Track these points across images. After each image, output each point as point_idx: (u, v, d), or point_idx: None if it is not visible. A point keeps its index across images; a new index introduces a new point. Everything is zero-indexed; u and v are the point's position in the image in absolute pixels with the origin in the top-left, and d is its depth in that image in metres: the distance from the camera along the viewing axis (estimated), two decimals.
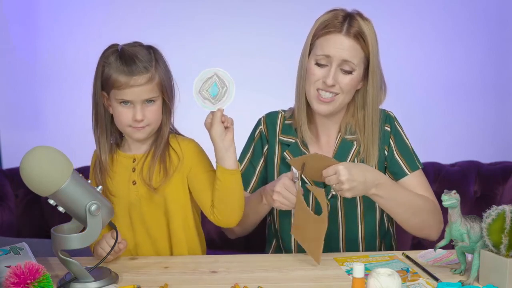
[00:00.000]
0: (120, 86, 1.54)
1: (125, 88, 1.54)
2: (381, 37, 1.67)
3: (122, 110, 1.57)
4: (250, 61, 2.69)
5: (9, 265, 1.33)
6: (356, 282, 1.23)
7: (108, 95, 1.58)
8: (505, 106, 2.84)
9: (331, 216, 1.70)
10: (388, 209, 1.62)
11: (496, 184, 2.26)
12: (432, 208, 1.67)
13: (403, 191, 1.64)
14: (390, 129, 1.73)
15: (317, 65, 1.63)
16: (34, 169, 1.29)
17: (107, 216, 1.40)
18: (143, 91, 1.55)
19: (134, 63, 1.54)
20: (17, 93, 2.80)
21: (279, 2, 2.70)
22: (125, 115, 1.57)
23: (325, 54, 1.61)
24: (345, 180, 1.48)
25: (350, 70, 1.61)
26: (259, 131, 1.80)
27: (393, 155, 1.71)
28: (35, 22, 2.76)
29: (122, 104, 1.56)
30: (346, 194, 1.51)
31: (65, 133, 2.74)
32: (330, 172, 1.50)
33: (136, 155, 1.65)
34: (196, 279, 1.45)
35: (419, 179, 1.71)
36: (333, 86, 1.61)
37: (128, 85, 1.54)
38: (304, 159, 1.55)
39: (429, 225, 1.66)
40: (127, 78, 1.54)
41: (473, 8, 2.74)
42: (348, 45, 1.60)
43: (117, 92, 1.55)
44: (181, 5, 2.72)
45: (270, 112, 1.82)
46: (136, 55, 1.55)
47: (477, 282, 1.37)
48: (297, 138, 1.74)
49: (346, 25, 1.60)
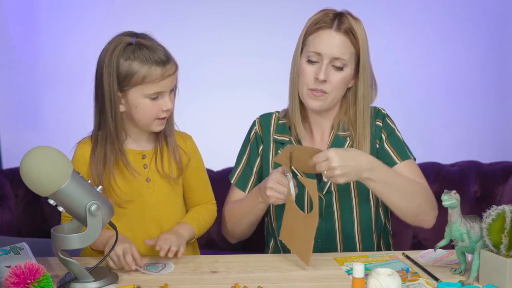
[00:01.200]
0: (156, 79, 1.47)
1: (160, 80, 1.47)
2: (381, 37, 1.68)
3: (151, 104, 1.50)
4: (250, 61, 2.69)
5: (9, 265, 1.34)
6: (356, 282, 1.23)
7: (124, 93, 1.50)
8: (505, 106, 2.84)
9: (326, 212, 1.71)
10: (382, 194, 1.60)
11: (496, 184, 2.26)
12: (425, 193, 1.66)
13: (397, 175, 1.62)
14: (382, 124, 1.74)
15: (309, 62, 1.64)
16: (34, 169, 1.29)
17: (107, 216, 1.40)
18: (173, 80, 1.52)
19: (160, 51, 1.49)
20: (17, 93, 2.80)
21: (279, 2, 2.70)
22: (154, 108, 1.50)
23: (316, 51, 1.62)
24: (337, 166, 1.46)
25: (341, 66, 1.63)
26: (254, 132, 1.82)
27: (383, 146, 1.72)
28: (35, 22, 2.75)
29: (150, 98, 1.49)
30: (339, 180, 1.49)
31: (65, 133, 2.73)
32: (321, 158, 1.48)
33: (145, 151, 1.61)
34: (196, 279, 1.45)
35: (410, 168, 1.70)
36: (325, 82, 1.62)
37: (163, 76, 1.48)
38: (289, 151, 1.53)
39: (424, 210, 1.65)
40: (162, 69, 1.47)
41: (473, 8, 2.74)
42: (339, 40, 1.62)
43: (147, 87, 1.48)
44: (181, 5, 2.72)
45: (264, 114, 1.84)
46: (154, 43, 1.50)
47: (477, 282, 1.37)
48: (291, 136, 1.76)
49: (336, 22, 1.63)
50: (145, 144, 1.61)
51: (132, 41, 1.49)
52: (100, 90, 1.51)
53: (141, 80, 1.47)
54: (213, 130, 2.70)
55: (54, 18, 2.74)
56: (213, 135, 2.67)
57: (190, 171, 1.66)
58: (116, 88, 1.49)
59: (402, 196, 1.61)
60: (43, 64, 2.77)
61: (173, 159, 1.61)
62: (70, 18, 2.74)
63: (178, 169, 1.62)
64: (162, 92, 1.50)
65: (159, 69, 1.48)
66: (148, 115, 1.52)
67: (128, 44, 1.49)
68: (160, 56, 1.49)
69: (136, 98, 1.50)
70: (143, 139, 1.61)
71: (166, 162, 1.61)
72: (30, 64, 2.77)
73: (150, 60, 1.47)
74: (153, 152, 1.61)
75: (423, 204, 1.65)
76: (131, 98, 1.50)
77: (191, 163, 1.66)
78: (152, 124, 1.54)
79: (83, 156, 1.59)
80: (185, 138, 1.68)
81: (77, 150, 1.61)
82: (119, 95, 1.50)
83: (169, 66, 1.50)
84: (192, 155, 1.67)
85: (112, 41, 1.52)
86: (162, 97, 1.51)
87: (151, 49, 1.48)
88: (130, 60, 1.47)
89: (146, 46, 1.49)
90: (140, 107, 1.51)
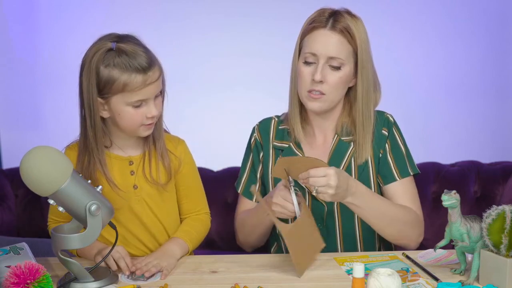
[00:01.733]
0: (136, 87, 1.40)
1: (142, 88, 1.41)
2: (381, 37, 1.67)
3: (134, 112, 1.44)
4: (250, 61, 2.69)
5: (9, 265, 1.34)
6: (356, 282, 1.23)
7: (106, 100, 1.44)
8: (505, 106, 2.83)
9: (328, 213, 1.70)
10: (363, 217, 1.61)
11: (496, 184, 2.26)
12: (412, 220, 1.65)
13: (380, 201, 1.62)
14: (388, 133, 1.71)
15: (305, 63, 1.63)
16: (34, 169, 1.28)
17: (107, 216, 1.39)
18: (157, 86, 1.44)
19: (141, 57, 1.41)
20: (17, 93, 2.80)
21: (279, 2, 2.70)
22: (138, 115, 1.44)
23: (312, 52, 1.61)
24: (334, 185, 1.44)
25: (338, 66, 1.60)
26: (254, 139, 1.80)
27: (386, 158, 1.70)
28: (35, 22, 2.75)
29: (133, 106, 1.43)
30: (328, 198, 1.47)
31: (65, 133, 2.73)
32: (319, 173, 1.45)
33: (132, 157, 1.56)
34: (196, 279, 1.45)
35: (407, 187, 1.69)
36: (321, 82, 1.60)
37: (145, 84, 1.40)
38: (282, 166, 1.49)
39: (406, 235, 1.65)
40: (143, 76, 1.40)
41: (473, 8, 2.74)
42: (334, 39, 1.59)
43: (128, 95, 1.41)
44: (181, 5, 2.72)
45: (263, 119, 1.82)
46: (136, 48, 1.41)
47: (477, 282, 1.37)
48: (290, 142, 1.74)
49: (331, 21, 1.60)
50: (131, 149, 1.56)
51: (113, 46, 1.41)
52: (81, 96, 1.46)
53: (122, 88, 1.40)
54: (213, 130, 2.70)
55: (54, 18, 2.74)
56: (213, 135, 2.68)
57: (181, 177, 1.61)
58: (95, 95, 1.42)
59: (382, 221, 1.60)
60: (43, 64, 2.77)
61: (161, 164, 1.56)
62: (70, 18, 2.74)
63: (167, 174, 1.57)
64: (145, 99, 1.43)
65: (140, 76, 1.40)
66: (132, 122, 1.46)
67: (108, 49, 1.41)
68: (141, 62, 1.40)
69: (118, 105, 1.44)
70: (129, 145, 1.55)
71: (154, 168, 1.56)
72: (30, 64, 2.77)
73: (130, 68, 1.39)
74: (140, 158, 1.55)
75: (406, 231, 1.64)
76: (114, 106, 1.44)
77: (182, 168, 1.61)
78: (138, 130, 1.49)
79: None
80: (176, 143, 1.62)
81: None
82: (101, 101, 1.44)
83: (151, 73, 1.42)
84: (183, 160, 1.61)
85: (93, 45, 1.45)
86: (146, 104, 1.44)
87: (132, 55, 1.40)
88: (110, 67, 1.40)
89: (126, 52, 1.40)
90: (123, 114, 1.45)
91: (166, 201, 1.62)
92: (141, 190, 1.56)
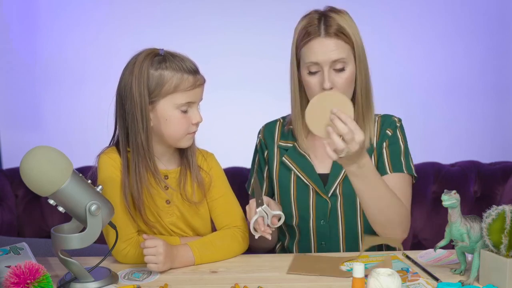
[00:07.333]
0: (188, 86, 1.44)
1: (192, 88, 1.45)
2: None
3: (181, 117, 1.46)
4: (250, 61, 2.69)
5: (9, 265, 1.34)
6: (356, 282, 1.23)
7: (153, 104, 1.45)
8: (505, 106, 2.84)
9: (331, 214, 1.70)
10: (360, 197, 1.57)
11: (496, 184, 2.26)
12: (402, 213, 1.62)
13: (382, 183, 1.58)
14: (391, 133, 1.72)
15: (310, 73, 1.62)
16: (34, 169, 1.28)
17: (107, 216, 1.39)
18: (203, 90, 1.50)
19: (189, 61, 1.47)
20: (17, 93, 2.80)
21: (279, 2, 2.70)
22: (185, 121, 1.46)
23: (313, 62, 1.60)
24: (358, 141, 1.43)
25: (342, 67, 1.61)
26: (259, 140, 1.83)
27: (381, 152, 1.71)
28: (35, 22, 2.76)
29: (181, 110, 1.45)
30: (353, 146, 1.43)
31: (65, 133, 2.74)
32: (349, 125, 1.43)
33: (168, 171, 1.55)
34: (196, 279, 1.45)
35: (398, 183, 1.67)
36: (331, 89, 1.60)
37: (195, 84, 1.45)
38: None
39: (392, 227, 1.62)
40: (194, 77, 1.45)
41: (473, 8, 2.75)
42: (332, 44, 1.59)
43: (179, 96, 1.44)
44: (181, 5, 2.72)
45: (268, 122, 1.84)
46: (182, 55, 1.48)
47: (477, 282, 1.37)
48: (295, 142, 1.75)
49: (323, 27, 1.60)
50: (167, 164, 1.56)
51: (161, 52, 1.47)
52: (130, 102, 1.45)
53: (173, 89, 1.44)
54: (215, 130, 2.70)
55: (54, 18, 2.75)
56: (215, 135, 2.67)
57: (212, 191, 1.61)
58: (147, 99, 1.44)
59: (377, 204, 1.57)
60: (43, 64, 2.77)
61: (195, 182, 1.56)
62: (70, 18, 2.74)
63: (201, 193, 1.58)
64: (192, 102, 1.47)
65: (191, 77, 1.45)
66: (179, 128, 1.48)
67: (156, 55, 1.47)
68: (190, 65, 1.47)
69: (166, 110, 1.46)
70: (165, 159, 1.56)
71: (189, 185, 1.56)
72: (30, 65, 2.78)
73: (182, 69, 1.45)
74: (176, 173, 1.56)
75: (394, 221, 1.61)
76: (161, 110, 1.46)
77: (213, 183, 1.61)
78: (182, 139, 1.50)
79: (114, 161, 1.52)
80: (205, 156, 1.62)
81: (104, 159, 1.53)
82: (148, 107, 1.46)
83: (199, 76, 1.49)
84: (214, 174, 1.61)
85: (138, 54, 1.48)
86: (191, 109, 1.48)
87: (181, 58, 1.47)
88: (161, 69, 1.44)
89: (175, 56, 1.47)
90: (170, 119, 1.46)
91: (200, 216, 1.61)
92: (173, 206, 1.56)
